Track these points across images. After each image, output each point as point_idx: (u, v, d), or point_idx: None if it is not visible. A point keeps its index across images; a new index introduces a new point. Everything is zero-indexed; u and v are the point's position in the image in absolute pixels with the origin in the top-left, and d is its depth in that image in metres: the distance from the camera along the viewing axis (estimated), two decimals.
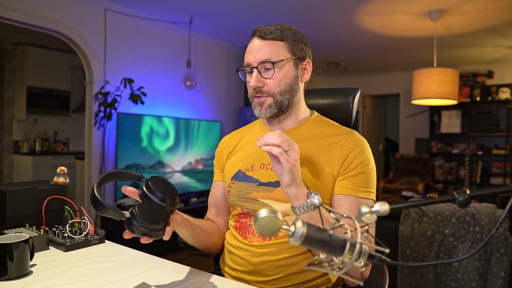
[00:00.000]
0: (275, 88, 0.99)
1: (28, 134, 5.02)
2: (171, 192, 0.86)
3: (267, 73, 0.99)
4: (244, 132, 1.16)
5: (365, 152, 0.98)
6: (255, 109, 1.03)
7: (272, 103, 1.00)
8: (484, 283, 1.55)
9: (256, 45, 1.00)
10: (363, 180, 0.95)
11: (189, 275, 0.91)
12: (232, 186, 1.05)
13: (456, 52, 4.81)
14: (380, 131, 7.23)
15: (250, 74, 1.03)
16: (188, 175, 4.08)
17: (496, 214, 1.62)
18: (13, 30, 3.98)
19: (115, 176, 0.89)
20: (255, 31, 1.01)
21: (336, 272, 0.56)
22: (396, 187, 5.48)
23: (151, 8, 3.54)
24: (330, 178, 0.96)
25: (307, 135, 1.03)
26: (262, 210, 0.56)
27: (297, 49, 1.01)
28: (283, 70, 0.99)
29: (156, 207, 0.81)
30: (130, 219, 0.77)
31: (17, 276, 0.87)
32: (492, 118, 5.17)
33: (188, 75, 3.95)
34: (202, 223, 1.06)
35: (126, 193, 0.87)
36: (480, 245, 0.51)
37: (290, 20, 3.73)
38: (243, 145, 1.11)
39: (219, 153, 1.17)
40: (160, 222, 0.79)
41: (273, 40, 0.99)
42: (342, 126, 1.07)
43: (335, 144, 0.99)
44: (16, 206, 1.16)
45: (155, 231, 0.79)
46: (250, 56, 1.01)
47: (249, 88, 1.03)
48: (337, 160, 0.97)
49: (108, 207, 0.78)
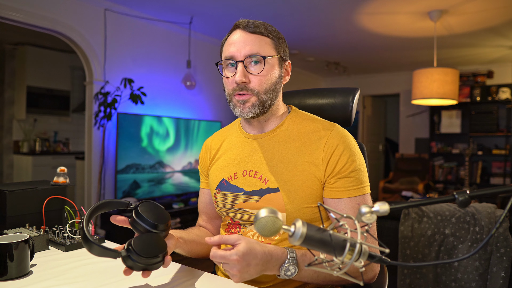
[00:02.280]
0: (260, 86, 0.92)
1: (28, 134, 5.02)
2: (163, 217, 0.82)
3: (254, 68, 0.92)
4: (225, 134, 1.11)
5: (350, 148, 0.92)
6: (235, 108, 0.95)
7: (256, 102, 0.93)
8: (484, 283, 1.55)
9: (241, 37, 0.92)
10: (354, 179, 0.91)
11: (189, 275, 0.91)
12: (218, 197, 1.02)
13: (456, 52, 4.81)
14: (380, 131, 7.23)
15: (231, 68, 0.95)
16: (188, 175, 4.08)
17: (496, 214, 1.62)
18: (13, 30, 3.99)
19: (102, 208, 0.85)
20: (238, 23, 0.94)
21: (336, 272, 0.56)
22: (396, 187, 5.48)
23: (151, 8, 3.54)
24: (316, 181, 0.92)
25: (286, 136, 0.98)
26: (262, 210, 0.56)
27: (281, 49, 0.97)
28: (271, 67, 0.94)
29: (152, 238, 0.78)
30: (128, 257, 0.74)
31: (17, 276, 0.87)
32: (492, 118, 5.17)
33: (188, 75, 3.95)
34: (196, 235, 1.03)
35: (116, 222, 0.84)
36: (480, 245, 0.51)
37: (290, 20, 3.73)
38: (224, 151, 1.07)
39: (202, 159, 1.13)
40: (159, 254, 0.77)
41: (260, 35, 0.93)
42: (321, 120, 1.01)
43: (316, 144, 0.93)
44: (16, 206, 1.15)
45: (155, 264, 0.77)
46: (233, 48, 0.92)
47: (229, 84, 0.95)
48: (321, 161, 0.91)
49: (101, 248, 0.74)
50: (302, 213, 0.91)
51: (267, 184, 0.95)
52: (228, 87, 0.96)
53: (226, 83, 0.97)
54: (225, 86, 0.98)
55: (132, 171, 3.49)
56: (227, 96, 0.97)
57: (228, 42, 0.95)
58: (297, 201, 0.91)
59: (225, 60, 0.95)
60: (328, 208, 0.56)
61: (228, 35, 0.97)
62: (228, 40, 0.96)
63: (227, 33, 0.99)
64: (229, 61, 0.94)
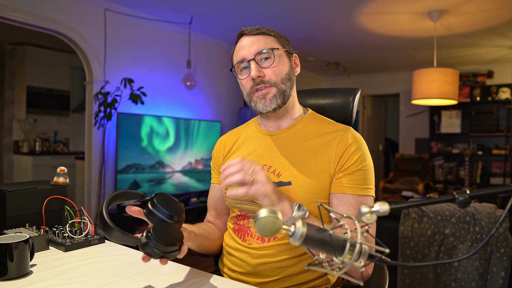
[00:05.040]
0: (276, 76, 0.97)
1: (28, 134, 5.02)
2: (178, 208, 0.84)
3: (265, 62, 0.98)
4: (240, 132, 1.15)
5: (361, 149, 0.96)
6: (257, 104, 0.99)
7: (276, 92, 0.98)
8: (484, 283, 1.55)
9: (247, 41, 0.99)
10: (361, 178, 0.94)
11: (189, 275, 0.91)
12: (229, 188, 1.04)
13: (456, 52, 4.81)
14: (380, 131, 7.23)
15: (244, 71, 1.00)
16: (188, 175, 4.08)
17: (496, 214, 1.62)
18: (13, 30, 3.99)
19: (119, 197, 0.87)
20: (242, 31, 1.02)
21: (336, 272, 0.56)
22: (396, 187, 5.48)
23: (151, 8, 3.54)
24: (327, 177, 0.95)
25: (302, 134, 1.02)
26: (262, 210, 0.56)
27: (285, 43, 1.03)
28: (280, 59, 0.99)
29: (169, 227, 0.80)
30: (147, 244, 0.76)
31: (17, 276, 0.87)
32: (492, 118, 5.17)
33: (188, 75, 3.95)
34: (205, 230, 1.06)
35: (131, 213, 0.86)
36: (480, 245, 0.51)
37: (290, 20, 3.73)
38: (238, 146, 1.10)
39: (216, 154, 1.16)
40: (177, 243, 0.79)
41: (263, 35, 1.00)
42: (337, 123, 1.05)
43: (330, 142, 0.97)
44: (16, 206, 1.15)
45: (172, 252, 0.79)
46: (243, 51, 0.99)
47: (246, 84, 1.00)
48: (333, 158, 0.95)
49: (122, 233, 0.76)
50: (311, 207, 0.93)
51: (280, 178, 0.97)
52: (245, 87, 1.01)
53: (243, 84, 1.01)
54: (243, 89, 1.02)
55: (132, 171, 3.49)
56: (246, 96, 1.01)
57: (237, 49, 1.02)
58: (307, 195, 0.94)
59: (238, 64, 1.00)
60: (328, 208, 0.56)
61: (235, 44, 1.04)
62: (237, 47, 1.03)
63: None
64: (242, 64, 1.00)
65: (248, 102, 1.02)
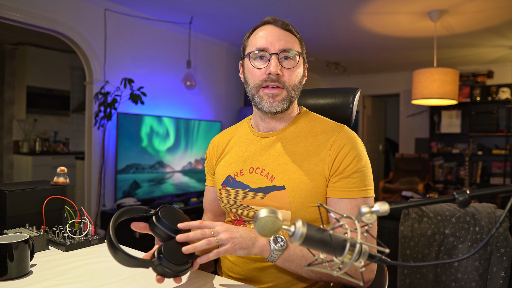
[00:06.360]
0: (290, 81, 0.94)
1: (28, 134, 5.02)
2: (183, 221, 0.83)
3: (286, 62, 0.93)
4: (233, 132, 1.12)
5: (356, 149, 0.92)
6: (263, 101, 0.94)
7: (286, 97, 0.94)
8: (484, 283, 1.55)
9: (274, 32, 0.93)
10: (358, 180, 0.90)
11: (189, 275, 0.91)
12: (223, 193, 1.02)
13: (456, 52, 4.81)
14: (380, 131, 7.23)
15: (260, 60, 0.94)
16: (188, 175, 4.08)
17: (496, 214, 1.62)
18: (13, 30, 3.99)
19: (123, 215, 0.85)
20: (268, 19, 0.96)
21: (336, 272, 0.56)
22: (396, 187, 5.47)
23: (151, 8, 3.54)
24: (321, 179, 0.91)
25: (296, 135, 0.98)
26: (262, 210, 0.56)
27: (304, 49, 1.00)
28: (299, 64, 0.96)
29: (180, 245, 0.79)
30: (161, 265, 0.75)
31: (17, 276, 0.87)
32: (492, 118, 5.17)
33: (188, 75, 3.95)
34: None
35: (137, 229, 0.85)
36: (480, 245, 0.51)
37: (290, 20, 3.71)
38: (231, 147, 1.07)
39: (209, 156, 1.13)
40: (189, 260, 0.78)
41: (290, 32, 0.95)
42: (331, 121, 1.01)
43: (324, 144, 0.94)
44: (16, 206, 1.15)
45: (186, 270, 0.78)
46: (266, 41, 0.92)
47: (258, 75, 0.94)
48: (327, 160, 0.91)
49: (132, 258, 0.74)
50: (306, 212, 0.91)
51: (273, 182, 0.95)
52: (256, 78, 0.94)
53: (255, 74, 0.95)
54: (251, 78, 0.96)
55: (132, 171, 3.49)
56: (253, 87, 0.95)
57: (258, 35, 0.95)
58: (302, 199, 0.91)
59: (258, 51, 0.93)
60: (328, 208, 0.56)
61: (254, 30, 0.98)
62: (257, 33, 0.96)
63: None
64: (262, 53, 0.93)
65: (250, 94, 0.97)
